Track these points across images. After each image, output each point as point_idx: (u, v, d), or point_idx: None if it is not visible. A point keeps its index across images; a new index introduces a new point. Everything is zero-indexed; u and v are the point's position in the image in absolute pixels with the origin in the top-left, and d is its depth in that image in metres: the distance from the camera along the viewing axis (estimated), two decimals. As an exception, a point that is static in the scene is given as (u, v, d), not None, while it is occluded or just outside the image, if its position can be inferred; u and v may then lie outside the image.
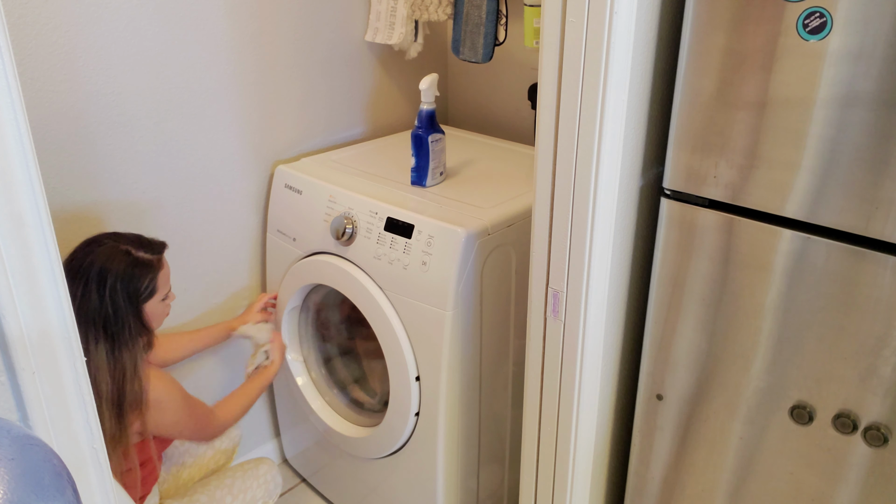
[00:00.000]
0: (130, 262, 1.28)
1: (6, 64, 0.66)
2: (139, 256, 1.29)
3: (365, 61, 1.90)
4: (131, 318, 1.29)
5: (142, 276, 1.29)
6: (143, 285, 1.29)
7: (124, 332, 1.28)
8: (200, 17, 1.53)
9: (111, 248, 1.28)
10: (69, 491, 0.51)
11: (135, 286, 1.28)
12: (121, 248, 1.28)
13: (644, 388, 1.21)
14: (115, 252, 1.27)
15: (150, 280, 1.30)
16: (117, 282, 1.26)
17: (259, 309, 1.74)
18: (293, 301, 1.73)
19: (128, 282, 1.27)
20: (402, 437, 1.56)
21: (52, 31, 1.34)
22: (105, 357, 1.26)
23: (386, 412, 1.57)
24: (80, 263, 1.26)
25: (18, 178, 0.68)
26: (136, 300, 1.29)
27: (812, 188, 0.94)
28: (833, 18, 0.86)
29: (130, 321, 1.29)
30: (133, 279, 1.28)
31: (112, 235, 1.31)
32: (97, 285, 1.25)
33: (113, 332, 1.27)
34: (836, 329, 0.98)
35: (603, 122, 1.01)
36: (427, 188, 1.57)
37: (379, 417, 1.64)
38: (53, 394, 0.76)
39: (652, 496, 1.28)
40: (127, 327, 1.28)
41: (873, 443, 0.99)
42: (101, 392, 1.26)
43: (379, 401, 1.75)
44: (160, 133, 1.54)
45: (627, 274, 1.19)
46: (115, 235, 1.32)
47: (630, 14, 0.97)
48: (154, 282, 1.31)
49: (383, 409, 1.62)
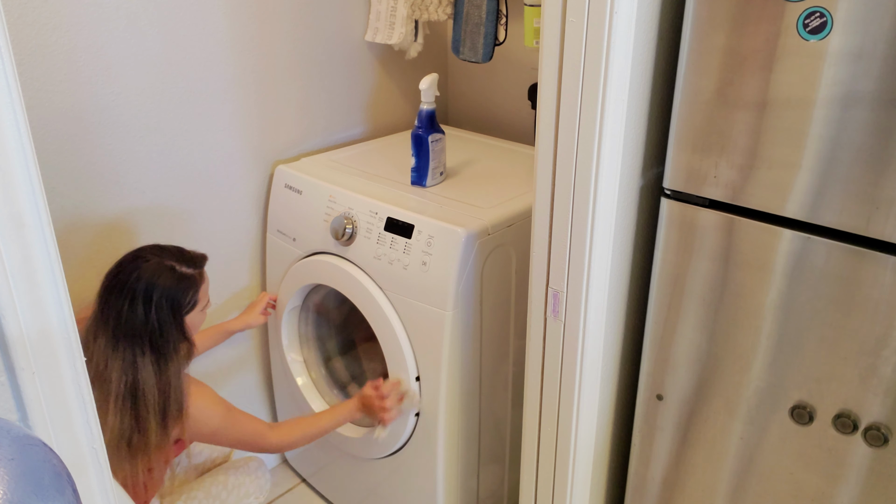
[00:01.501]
0: (175, 278, 1.31)
1: (6, 64, 0.66)
2: (183, 272, 1.33)
3: (365, 61, 1.90)
4: (175, 331, 1.31)
5: (186, 290, 1.32)
6: (187, 299, 1.33)
7: (169, 345, 1.31)
8: (201, 16, 1.53)
9: (156, 264, 1.30)
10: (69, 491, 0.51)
11: (179, 301, 1.31)
12: (165, 264, 1.31)
13: (644, 388, 1.21)
14: (161, 268, 1.30)
15: (193, 294, 1.34)
16: (163, 298, 1.29)
17: (262, 310, 1.74)
18: (293, 301, 1.73)
19: (172, 297, 1.30)
20: (402, 438, 1.56)
21: (52, 31, 1.34)
22: (152, 369, 1.29)
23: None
24: (126, 278, 1.29)
25: (18, 178, 0.68)
26: (179, 314, 1.32)
27: (812, 188, 0.94)
28: (833, 18, 0.86)
29: (174, 334, 1.31)
30: (177, 294, 1.31)
31: (156, 249, 1.34)
32: (143, 301, 1.28)
33: (159, 345, 1.30)
34: (837, 329, 0.98)
35: (603, 122, 1.01)
36: (427, 188, 1.57)
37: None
38: (53, 394, 0.76)
39: (652, 496, 1.28)
40: (171, 341, 1.31)
41: (873, 443, 0.99)
42: (149, 402, 1.28)
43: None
44: (160, 133, 1.54)
45: (627, 274, 1.19)
46: (159, 249, 1.34)
47: (630, 14, 0.97)
48: (196, 295, 1.34)
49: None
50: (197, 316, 1.38)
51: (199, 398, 1.37)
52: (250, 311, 1.74)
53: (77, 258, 1.49)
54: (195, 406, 1.35)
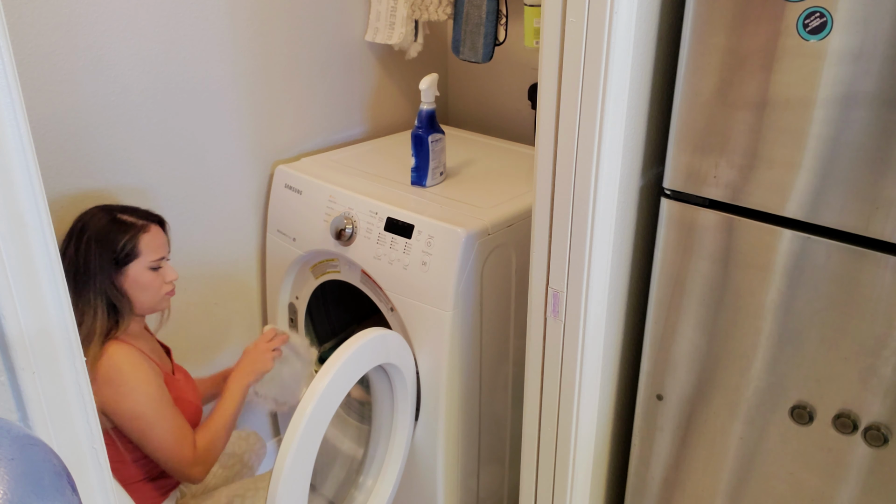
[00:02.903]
0: (110, 221, 1.30)
1: (6, 64, 0.66)
2: (121, 218, 1.31)
3: (365, 61, 1.90)
4: (102, 276, 1.28)
5: (118, 234, 1.29)
6: (119, 244, 1.29)
7: (89, 287, 1.27)
8: (201, 16, 1.53)
9: (98, 210, 1.33)
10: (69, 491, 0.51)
11: (109, 242, 1.28)
12: (105, 209, 1.33)
13: (644, 388, 1.21)
14: (99, 212, 1.32)
15: (129, 241, 1.29)
16: (92, 237, 1.28)
17: (272, 356, 1.46)
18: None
19: (103, 238, 1.28)
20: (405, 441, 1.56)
21: (52, 31, 1.34)
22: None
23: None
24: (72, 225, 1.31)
25: (18, 178, 0.68)
26: (108, 257, 1.28)
27: (812, 188, 0.94)
28: (833, 18, 0.86)
29: (101, 279, 1.28)
30: (108, 236, 1.29)
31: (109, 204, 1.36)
32: (76, 240, 1.29)
33: (80, 285, 1.26)
34: (837, 329, 0.98)
35: (603, 122, 1.01)
36: (427, 188, 1.57)
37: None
38: (53, 394, 0.76)
39: (652, 496, 1.28)
40: (94, 283, 1.27)
41: (873, 443, 0.99)
42: None
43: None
44: (160, 133, 1.54)
45: (627, 274, 1.19)
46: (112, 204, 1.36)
47: (630, 14, 0.97)
48: (134, 243, 1.30)
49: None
50: (144, 273, 1.31)
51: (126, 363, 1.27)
52: (256, 356, 1.45)
53: (77, 258, 1.49)
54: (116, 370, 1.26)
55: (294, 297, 1.76)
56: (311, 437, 1.28)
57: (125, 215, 1.32)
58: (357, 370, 1.35)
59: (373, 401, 1.54)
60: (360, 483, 1.57)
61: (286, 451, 1.24)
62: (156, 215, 1.37)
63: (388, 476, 1.53)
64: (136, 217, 1.33)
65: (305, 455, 1.27)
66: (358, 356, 1.34)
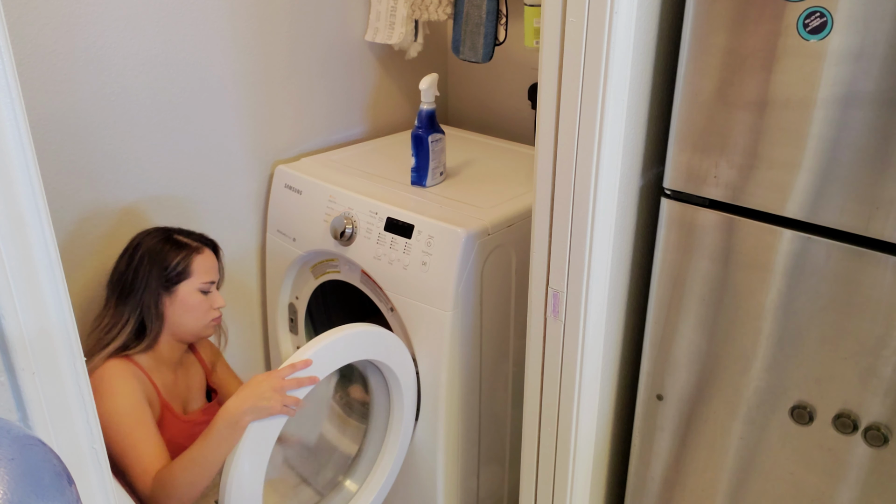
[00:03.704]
0: (163, 240, 1.35)
1: (6, 64, 0.66)
2: (175, 238, 1.36)
3: (365, 61, 1.90)
4: (149, 291, 1.31)
5: (170, 253, 1.33)
6: (171, 262, 1.32)
7: (129, 300, 1.31)
8: (200, 16, 1.53)
9: (155, 229, 1.38)
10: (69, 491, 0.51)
11: (161, 260, 1.32)
12: (161, 229, 1.37)
13: (644, 388, 1.21)
14: (156, 231, 1.37)
15: (182, 261, 1.33)
16: (146, 253, 1.32)
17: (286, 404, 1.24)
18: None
19: (155, 255, 1.32)
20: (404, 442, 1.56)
21: (52, 31, 1.33)
22: (110, 314, 1.32)
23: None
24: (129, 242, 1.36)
25: (18, 178, 0.68)
26: (159, 274, 1.31)
27: (812, 188, 0.94)
28: (833, 18, 0.86)
29: (145, 295, 1.31)
30: (161, 253, 1.32)
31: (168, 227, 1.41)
32: (130, 254, 1.33)
33: (125, 295, 1.31)
34: (837, 329, 0.98)
35: (603, 122, 1.01)
36: (427, 188, 1.57)
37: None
38: (53, 394, 0.76)
39: (652, 496, 1.28)
40: (136, 297, 1.31)
41: (873, 443, 0.99)
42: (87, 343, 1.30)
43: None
44: (160, 133, 1.54)
45: (627, 274, 1.19)
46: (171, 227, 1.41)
47: (630, 14, 0.97)
48: (186, 264, 1.33)
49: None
50: (193, 296, 1.32)
51: (114, 377, 1.24)
52: (264, 391, 1.21)
53: (77, 258, 1.49)
54: (102, 381, 1.23)
55: (294, 297, 1.76)
56: (272, 422, 1.21)
57: (181, 236, 1.37)
58: (337, 359, 1.32)
59: (370, 402, 1.54)
60: (343, 485, 1.56)
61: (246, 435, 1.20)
62: (211, 240, 1.41)
63: (374, 482, 1.52)
64: (192, 239, 1.37)
65: (259, 440, 1.21)
66: (338, 346, 1.31)
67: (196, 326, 1.36)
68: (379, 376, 1.46)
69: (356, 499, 1.52)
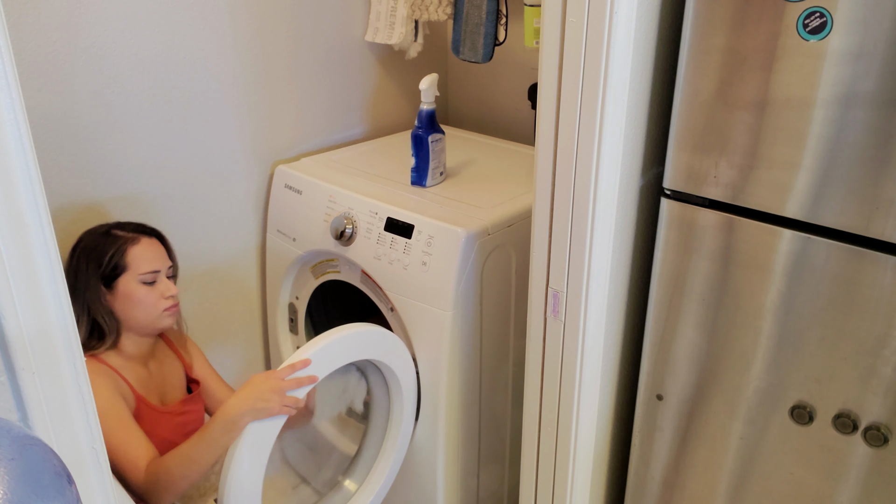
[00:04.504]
0: (100, 234, 1.31)
1: (6, 64, 0.66)
2: (111, 232, 1.31)
3: (365, 61, 1.90)
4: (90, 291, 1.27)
5: (105, 247, 1.28)
6: (106, 258, 1.27)
7: (77, 302, 1.25)
8: (201, 16, 1.53)
9: (97, 226, 1.34)
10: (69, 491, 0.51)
11: (97, 255, 1.28)
12: (102, 225, 1.34)
13: (644, 388, 1.21)
14: (96, 228, 1.33)
15: (115, 253, 1.27)
16: (83, 251, 1.29)
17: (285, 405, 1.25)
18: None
19: (92, 251, 1.29)
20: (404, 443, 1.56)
21: (52, 30, 1.34)
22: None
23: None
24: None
25: (18, 178, 0.68)
26: (96, 270, 1.27)
27: (812, 188, 0.94)
28: (833, 18, 0.86)
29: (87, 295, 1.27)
30: (97, 248, 1.29)
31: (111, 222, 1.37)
32: (70, 253, 1.31)
33: (71, 297, 1.26)
34: (837, 329, 0.98)
35: (603, 122, 1.01)
36: (427, 188, 1.57)
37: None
38: (53, 394, 0.76)
39: (652, 496, 1.28)
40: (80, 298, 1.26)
41: (873, 443, 0.99)
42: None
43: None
44: (160, 133, 1.54)
45: (627, 274, 1.19)
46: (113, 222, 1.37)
47: (630, 14, 0.97)
48: (121, 256, 1.27)
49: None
50: (135, 288, 1.27)
51: (97, 377, 1.21)
52: (263, 392, 1.22)
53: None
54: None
55: (294, 297, 1.76)
56: (272, 422, 1.23)
57: (118, 230, 1.32)
58: (336, 359, 1.32)
59: (370, 402, 1.54)
60: (342, 485, 1.56)
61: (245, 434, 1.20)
62: (150, 228, 1.35)
63: (373, 481, 1.52)
64: (127, 231, 1.32)
65: (259, 439, 1.22)
66: (338, 346, 1.31)
67: (147, 319, 1.31)
68: (379, 376, 1.46)
69: (355, 498, 1.52)
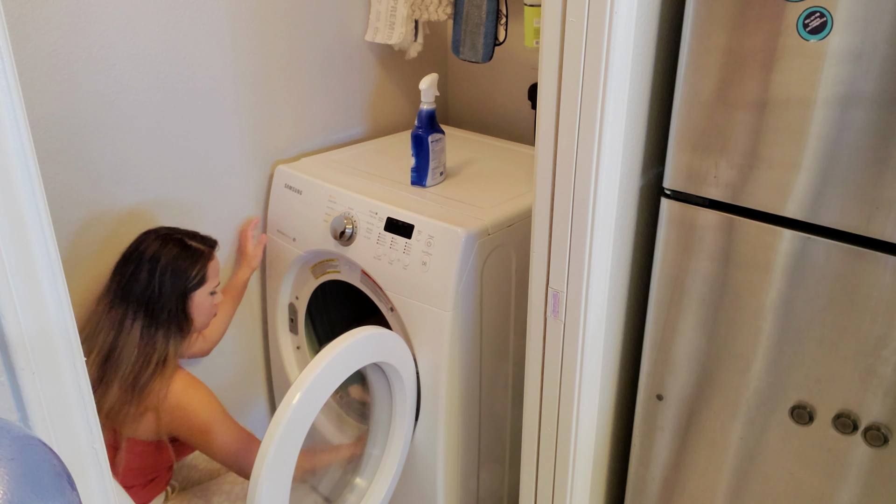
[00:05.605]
0: (182, 248, 1.36)
1: (6, 64, 0.66)
2: (192, 245, 1.37)
3: (365, 61, 1.90)
4: (174, 301, 1.34)
5: (192, 262, 1.36)
6: (193, 272, 1.36)
7: (164, 313, 1.32)
8: (200, 16, 1.53)
9: (167, 237, 1.37)
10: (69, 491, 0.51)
11: (184, 271, 1.35)
12: (175, 237, 1.37)
13: (644, 388, 1.21)
14: (170, 240, 1.37)
15: (200, 268, 1.36)
16: (168, 265, 1.34)
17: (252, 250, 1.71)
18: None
19: (177, 266, 1.34)
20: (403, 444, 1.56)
21: (52, 30, 1.33)
22: (139, 334, 1.31)
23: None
24: (135, 248, 1.36)
25: (18, 178, 0.68)
26: (183, 285, 1.34)
27: (812, 188, 0.94)
28: (833, 18, 0.86)
29: (173, 305, 1.34)
30: (183, 264, 1.35)
31: (169, 228, 1.41)
32: (149, 267, 1.33)
33: (154, 311, 1.32)
34: (837, 329, 0.98)
35: (603, 122, 1.01)
36: (427, 188, 1.57)
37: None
38: (53, 394, 0.76)
39: (652, 496, 1.28)
40: (167, 310, 1.33)
41: (873, 443, 0.99)
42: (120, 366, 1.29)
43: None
44: (160, 133, 1.54)
45: (627, 274, 1.19)
46: (173, 228, 1.41)
47: (630, 14, 0.97)
48: (204, 271, 1.37)
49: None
50: (205, 299, 1.39)
51: (191, 388, 1.35)
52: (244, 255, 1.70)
53: (77, 258, 1.49)
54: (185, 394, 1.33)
55: (294, 297, 1.76)
56: (297, 429, 1.27)
57: (194, 241, 1.39)
58: (348, 366, 1.35)
59: (371, 401, 1.54)
60: (354, 484, 1.57)
61: (269, 442, 1.23)
62: (214, 241, 1.44)
63: (383, 477, 1.53)
64: (203, 244, 1.40)
65: (289, 447, 1.26)
66: (349, 352, 1.33)
67: (203, 325, 1.43)
68: (381, 375, 1.46)
69: (369, 494, 1.53)
